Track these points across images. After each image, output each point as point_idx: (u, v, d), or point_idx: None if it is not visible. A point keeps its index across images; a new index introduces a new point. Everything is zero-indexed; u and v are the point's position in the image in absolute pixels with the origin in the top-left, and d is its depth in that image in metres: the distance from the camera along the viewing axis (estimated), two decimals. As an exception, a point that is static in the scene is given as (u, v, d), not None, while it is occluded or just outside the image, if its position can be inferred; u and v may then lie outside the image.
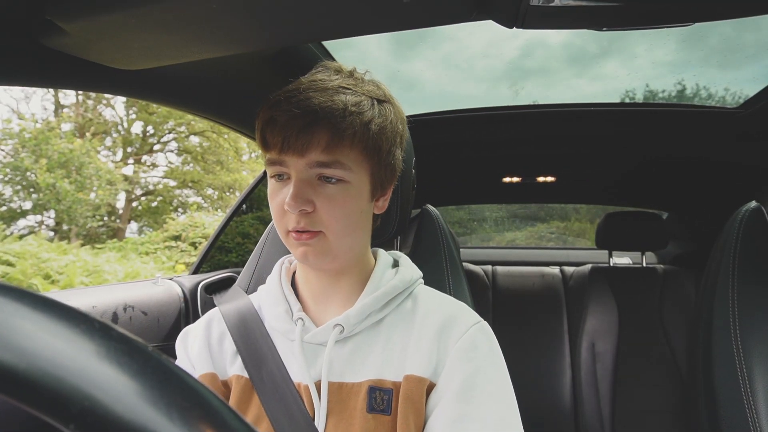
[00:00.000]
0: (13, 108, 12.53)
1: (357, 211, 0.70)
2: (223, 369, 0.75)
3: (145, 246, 9.89)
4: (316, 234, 0.67)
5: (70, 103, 13.24)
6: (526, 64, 3.19)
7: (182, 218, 11.03)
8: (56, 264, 7.08)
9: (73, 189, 10.20)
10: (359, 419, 0.65)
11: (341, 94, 0.66)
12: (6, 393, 0.20)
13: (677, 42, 1.85)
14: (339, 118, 0.64)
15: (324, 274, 0.76)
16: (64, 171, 10.21)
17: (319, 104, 0.64)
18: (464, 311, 0.75)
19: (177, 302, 1.33)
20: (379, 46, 2.07)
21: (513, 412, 0.65)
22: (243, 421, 0.23)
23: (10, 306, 0.21)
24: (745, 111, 1.41)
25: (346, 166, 0.66)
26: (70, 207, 10.12)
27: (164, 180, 15.14)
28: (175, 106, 1.04)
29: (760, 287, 1.17)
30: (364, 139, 0.67)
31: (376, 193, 0.74)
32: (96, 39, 0.67)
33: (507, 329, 1.97)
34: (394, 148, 0.73)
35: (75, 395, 0.20)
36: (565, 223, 6.09)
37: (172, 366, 0.22)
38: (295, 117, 0.64)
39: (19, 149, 9.98)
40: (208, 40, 0.70)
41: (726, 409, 1.11)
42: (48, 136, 10.00)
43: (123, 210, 13.76)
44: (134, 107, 13.89)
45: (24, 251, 7.02)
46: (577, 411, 1.86)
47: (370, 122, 0.67)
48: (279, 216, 0.69)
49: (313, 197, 0.66)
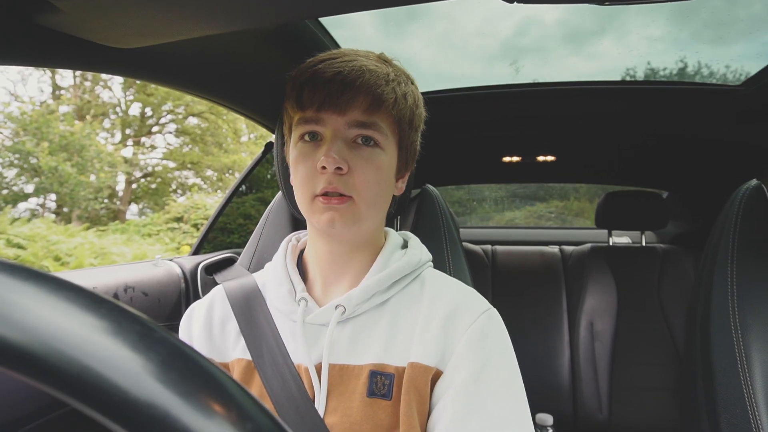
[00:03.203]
0: (10, 90, 12.44)
1: (387, 181, 0.70)
2: (223, 352, 0.74)
3: (147, 228, 10.00)
4: (346, 199, 0.66)
5: (67, 85, 13.14)
6: (522, 42, 3.15)
7: (182, 200, 11.13)
8: (65, 246, 7.26)
9: (75, 172, 10.28)
10: (359, 402, 0.64)
11: (383, 64, 0.69)
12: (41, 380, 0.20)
13: (667, 18, 1.83)
14: (383, 83, 0.66)
15: (336, 251, 0.74)
16: (66, 154, 10.29)
17: (365, 66, 0.66)
18: (473, 298, 0.73)
19: (177, 283, 1.33)
20: (373, 25, 2.04)
21: (522, 403, 0.64)
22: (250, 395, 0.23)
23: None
24: (747, 89, 1.39)
25: (383, 131, 0.67)
26: (73, 190, 10.24)
27: (163, 162, 15.15)
28: (170, 85, 1.03)
29: (759, 265, 1.17)
30: (401, 108, 0.68)
31: (400, 171, 0.75)
32: (90, 17, 0.66)
33: (506, 308, 1.98)
34: (419, 130, 0.75)
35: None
36: (564, 203, 6.10)
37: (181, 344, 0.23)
38: (342, 74, 0.64)
39: (20, 132, 10.02)
40: (204, 17, 0.68)
41: (723, 386, 1.12)
42: (48, 119, 10.05)
43: (123, 192, 13.74)
44: (132, 88, 13.76)
45: (34, 234, 7.20)
46: (575, 389, 1.88)
47: (406, 95, 0.69)
48: (307, 179, 0.67)
49: (348, 158, 0.65)
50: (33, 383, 0.21)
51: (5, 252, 6.66)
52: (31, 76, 12.87)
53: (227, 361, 0.74)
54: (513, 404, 0.63)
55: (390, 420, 0.64)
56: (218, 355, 0.75)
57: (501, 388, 0.63)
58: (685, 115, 1.61)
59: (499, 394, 0.62)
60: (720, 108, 1.52)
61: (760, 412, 1.04)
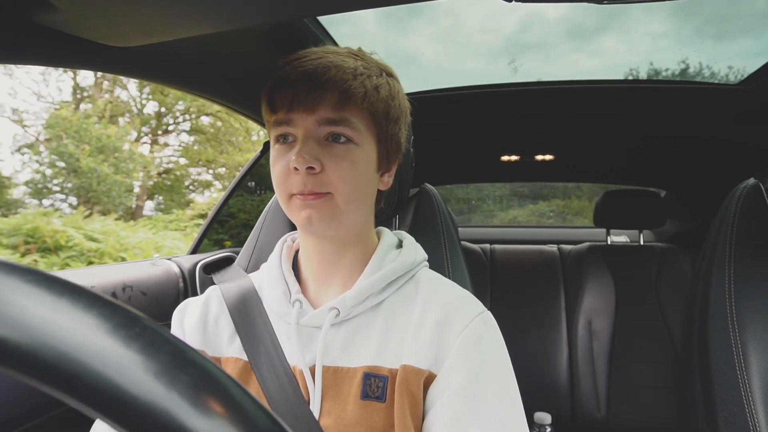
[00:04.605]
0: (43, 93, 13.23)
1: (365, 176, 0.69)
2: (216, 348, 0.74)
3: (174, 224, 10.65)
4: (322, 195, 0.66)
5: (87, 85, 13.65)
6: (524, 39, 3.15)
7: (193, 196, 11.98)
8: (132, 240, 8.08)
9: (111, 172, 11.21)
10: (353, 405, 0.64)
11: (352, 59, 0.67)
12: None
13: (669, 14, 1.83)
14: (350, 77, 0.65)
15: (326, 250, 0.74)
16: (103, 155, 11.26)
17: (332, 62, 0.65)
18: (467, 300, 0.72)
19: (175, 282, 1.33)
20: (376, 22, 2.04)
21: (517, 407, 0.64)
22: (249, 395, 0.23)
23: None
24: (746, 88, 1.39)
25: (354, 126, 0.66)
26: (110, 188, 11.19)
27: (179, 159, 15.65)
28: (169, 84, 1.03)
29: (756, 263, 1.18)
30: (372, 102, 0.67)
31: (382, 165, 0.73)
32: (88, 15, 0.65)
33: (504, 307, 1.99)
34: (400, 122, 0.73)
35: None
36: (565, 201, 6.17)
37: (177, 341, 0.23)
38: (307, 73, 0.64)
39: (62, 136, 10.87)
40: (203, 15, 0.68)
41: (720, 384, 1.13)
42: (87, 123, 11.07)
43: (140, 189, 14.01)
44: (147, 87, 14.07)
45: (107, 230, 8.03)
46: (574, 388, 1.89)
47: (379, 87, 0.68)
48: (282, 179, 0.67)
49: (321, 156, 0.65)
50: (33, 383, 0.21)
51: (87, 245, 7.29)
52: (50, 75, 13.25)
53: (219, 357, 0.74)
54: (509, 408, 0.62)
55: (384, 422, 0.63)
56: (211, 349, 0.74)
57: (496, 393, 0.63)
58: (683, 115, 1.61)
59: (494, 399, 0.62)
60: (718, 107, 1.52)
61: (757, 409, 1.05)
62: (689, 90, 1.47)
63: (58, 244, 7.05)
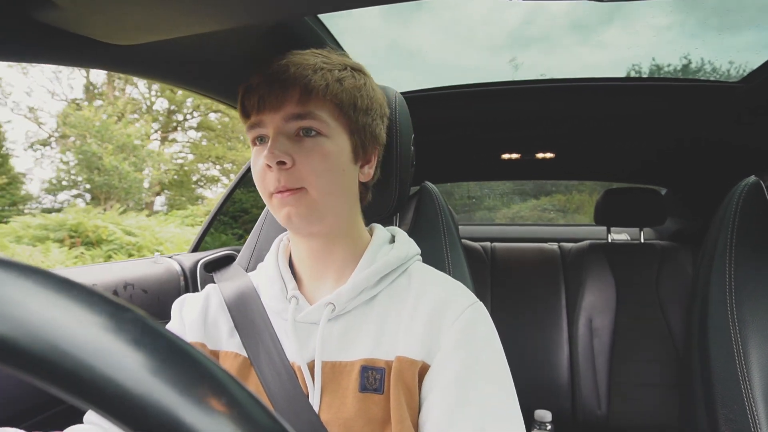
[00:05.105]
0: (55, 91, 13.57)
1: (339, 168, 0.70)
2: (215, 341, 0.75)
3: (189, 219, 11.17)
4: (297, 191, 0.67)
5: (98, 83, 14.12)
6: (528, 32, 3.14)
7: (207, 194, 12.63)
8: (165, 235, 8.69)
9: (132, 170, 11.88)
10: (351, 398, 0.65)
11: (313, 56, 0.71)
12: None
13: (672, 7, 1.82)
14: (310, 72, 0.68)
15: (314, 247, 0.75)
16: (124, 154, 11.92)
17: (292, 62, 0.69)
18: (459, 291, 0.74)
19: (177, 280, 1.33)
20: (379, 15, 2.04)
21: (510, 395, 0.65)
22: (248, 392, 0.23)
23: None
24: (746, 85, 1.39)
25: (321, 118, 0.68)
26: (130, 185, 11.89)
27: (189, 156, 16.10)
28: (171, 83, 1.03)
29: (757, 261, 1.17)
30: (335, 93, 0.69)
31: (358, 157, 0.74)
32: (88, 13, 0.65)
33: (505, 305, 1.99)
34: (372, 113, 0.74)
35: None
36: (567, 197, 6.30)
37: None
38: (270, 75, 0.68)
39: (86, 136, 11.53)
40: (204, 13, 0.68)
41: (720, 382, 1.13)
42: (108, 123, 11.73)
43: (151, 184, 14.23)
44: (156, 85, 14.36)
45: (141, 225, 8.61)
46: (574, 386, 1.89)
47: (342, 79, 0.70)
48: (261, 179, 0.70)
49: (291, 151, 0.67)
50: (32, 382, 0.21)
51: (126, 239, 7.88)
52: (61, 73, 13.68)
53: (218, 350, 0.75)
54: (502, 397, 0.64)
55: (383, 414, 0.64)
56: (210, 342, 0.75)
57: (490, 382, 0.64)
58: (683, 112, 1.61)
59: (488, 388, 0.63)
60: (718, 105, 1.52)
61: (757, 407, 1.05)
62: (690, 88, 1.46)
63: (99, 238, 7.64)
